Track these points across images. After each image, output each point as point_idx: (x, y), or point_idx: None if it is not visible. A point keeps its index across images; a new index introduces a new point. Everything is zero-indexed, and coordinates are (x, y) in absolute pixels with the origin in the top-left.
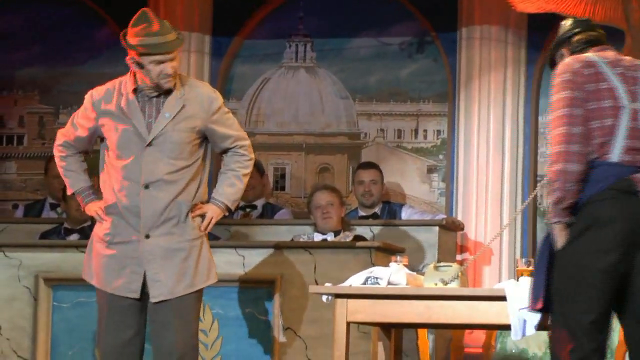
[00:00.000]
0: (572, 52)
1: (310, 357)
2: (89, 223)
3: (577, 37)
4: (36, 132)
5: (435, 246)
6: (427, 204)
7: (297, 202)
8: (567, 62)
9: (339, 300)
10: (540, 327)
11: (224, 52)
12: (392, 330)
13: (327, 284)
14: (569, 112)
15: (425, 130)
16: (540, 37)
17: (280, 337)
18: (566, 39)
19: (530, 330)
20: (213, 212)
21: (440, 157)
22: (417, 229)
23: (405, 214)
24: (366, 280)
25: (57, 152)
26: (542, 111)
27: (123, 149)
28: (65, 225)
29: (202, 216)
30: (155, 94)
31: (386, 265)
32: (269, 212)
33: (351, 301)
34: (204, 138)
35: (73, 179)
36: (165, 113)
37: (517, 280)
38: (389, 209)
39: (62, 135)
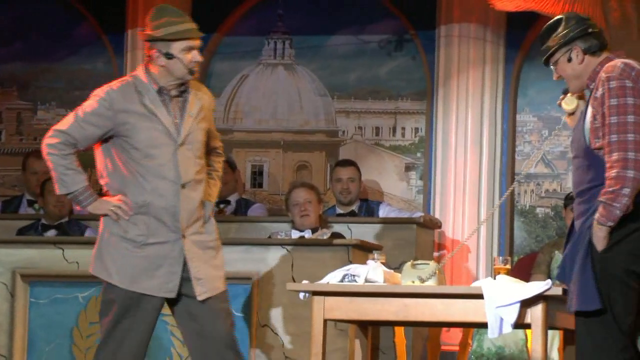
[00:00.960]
0: (587, 51)
1: (287, 354)
2: (66, 219)
3: (593, 37)
4: (14, 128)
5: (413, 244)
6: (404, 201)
7: (275, 200)
8: (620, 67)
9: (316, 298)
10: (517, 325)
11: (203, 48)
12: (369, 328)
13: (304, 282)
14: (635, 120)
15: (403, 128)
16: (519, 36)
17: (257, 334)
18: (581, 36)
19: (507, 328)
20: None
21: (418, 155)
22: (395, 226)
23: (383, 211)
24: (343, 277)
25: (54, 150)
26: (520, 109)
27: (154, 147)
28: (43, 221)
29: None
30: (176, 92)
31: (364, 262)
32: (242, 208)
33: (328, 299)
34: None
35: (71, 178)
36: (190, 112)
37: (495, 278)
38: (366, 206)
39: (62, 133)
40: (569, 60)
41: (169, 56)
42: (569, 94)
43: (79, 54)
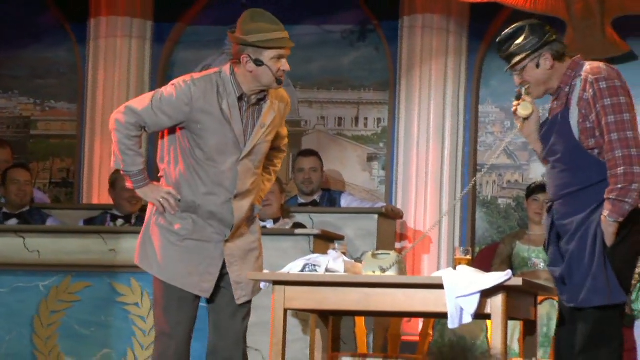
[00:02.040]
0: (556, 57)
1: (248, 344)
2: (28, 208)
3: (558, 42)
4: None
5: (375, 234)
6: (367, 191)
7: None
8: (605, 68)
9: (277, 287)
10: (477, 315)
11: (166, 38)
12: (330, 318)
13: (265, 271)
14: (630, 118)
15: (366, 119)
16: (482, 27)
17: None
18: (550, 42)
19: (468, 318)
20: None
21: (381, 145)
22: (357, 216)
23: (345, 201)
24: (304, 267)
25: (122, 129)
26: (483, 100)
27: (220, 154)
28: (5, 210)
29: None
30: (255, 100)
31: (325, 252)
32: None
33: (289, 288)
34: None
35: (132, 159)
36: (262, 124)
37: (455, 269)
38: (329, 196)
39: (134, 114)
40: (538, 66)
41: (259, 63)
42: (524, 100)
43: (41, 43)
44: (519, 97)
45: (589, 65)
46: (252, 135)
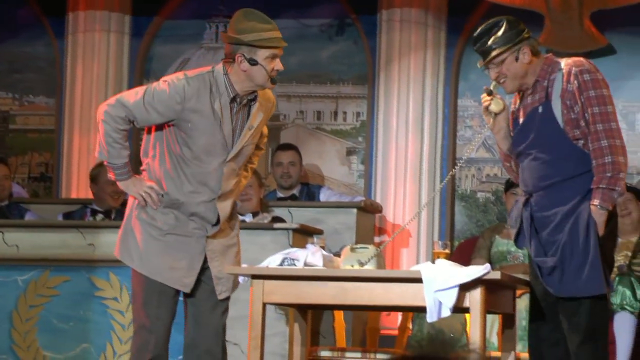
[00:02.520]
0: (533, 52)
1: (227, 337)
2: (6, 202)
3: (534, 40)
4: None
5: (354, 228)
6: (345, 185)
7: None
8: (585, 61)
9: (255, 281)
10: (456, 309)
11: (144, 32)
12: (308, 312)
13: (244, 265)
14: (612, 110)
15: (344, 113)
16: (460, 20)
17: None
18: (528, 38)
19: (446, 312)
20: None
21: (360, 139)
22: (336, 210)
23: (324, 195)
24: (283, 261)
25: (110, 121)
26: (462, 94)
27: (207, 154)
28: None
29: None
30: (246, 100)
31: (304, 247)
32: None
33: (267, 282)
34: None
35: (117, 152)
36: (250, 125)
37: (434, 263)
38: (307, 190)
39: (124, 108)
40: (517, 59)
41: (253, 62)
42: (495, 96)
43: (19, 37)
44: (490, 94)
45: (569, 59)
46: (239, 137)
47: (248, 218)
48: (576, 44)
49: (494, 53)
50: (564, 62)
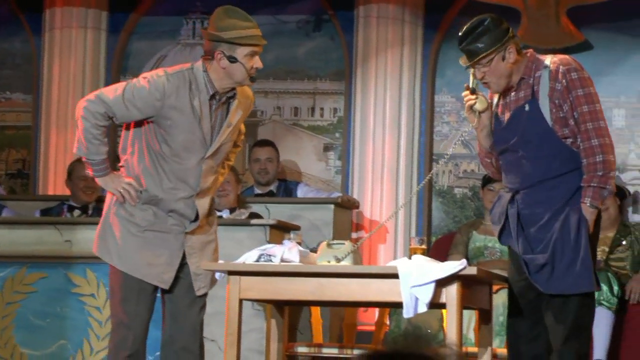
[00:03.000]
0: (518, 51)
1: (204, 334)
2: None
3: (517, 37)
4: None
5: (331, 224)
6: (323, 182)
7: None
8: (571, 59)
9: (231, 278)
10: (432, 305)
11: (121, 28)
12: (285, 308)
13: (220, 261)
14: (600, 108)
15: (322, 109)
16: (437, 17)
17: None
18: (512, 37)
19: (422, 307)
20: None
21: (337, 135)
22: (313, 207)
23: (301, 192)
24: (259, 257)
25: (90, 118)
26: (439, 90)
27: (186, 151)
28: None
29: None
30: (226, 98)
31: (281, 243)
32: None
33: (244, 278)
34: None
35: (96, 148)
36: (228, 123)
37: (410, 258)
38: (284, 187)
39: (104, 104)
40: (503, 59)
41: (233, 60)
42: (479, 95)
43: None
44: (473, 92)
45: (555, 57)
46: (218, 134)
47: (225, 214)
48: (553, 40)
49: (482, 54)
50: (550, 60)
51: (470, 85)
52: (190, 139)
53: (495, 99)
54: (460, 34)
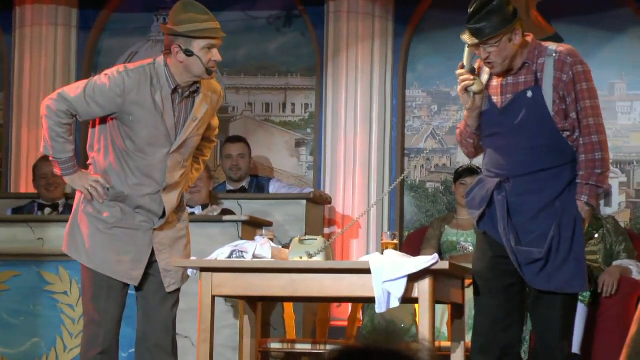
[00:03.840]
0: (523, 32)
1: (177, 330)
2: None
3: (520, 19)
4: None
5: (303, 219)
6: (295, 177)
7: None
8: (576, 51)
9: (204, 274)
10: (404, 299)
11: (91, 25)
12: (257, 304)
13: (193, 257)
14: (599, 104)
15: (293, 104)
16: (408, 10)
17: None
18: (519, 18)
19: (394, 302)
20: None
21: (308, 130)
22: (285, 202)
23: (273, 187)
24: (231, 253)
25: (52, 116)
26: (409, 84)
27: (150, 146)
28: None
29: None
30: (188, 92)
31: (253, 239)
32: None
33: (216, 274)
34: None
35: (61, 146)
36: (193, 117)
37: (382, 253)
38: (256, 182)
39: (65, 102)
40: (510, 40)
41: (189, 53)
42: (477, 76)
43: None
44: (472, 71)
45: (560, 46)
46: (183, 128)
47: (197, 210)
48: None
49: (492, 34)
50: (555, 48)
51: (465, 65)
52: (154, 134)
53: (485, 78)
54: (469, 10)
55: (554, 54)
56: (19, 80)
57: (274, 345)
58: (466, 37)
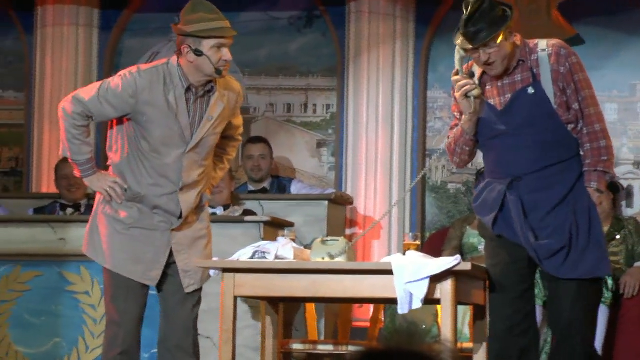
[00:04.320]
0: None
1: (198, 331)
2: None
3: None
4: None
5: (324, 220)
6: (316, 178)
7: None
8: (565, 43)
9: (226, 275)
10: (426, 300)
11: (113, 25)
12: (279, 304)
13: (214, 258)
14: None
15: (314, 105)
16: (429, 11)
17: None
18: (512, 17)
19: (417, 303)
20: None
21: (329, 131)
22: (306, 203)
23: (294, 188)
24: (253, 254)
25: (68, 118)
26: (430, 85)
27: (164, 146)
28: None
29: None
30: (202, 91)
31: (275, 239)
32: None
33: (238, 275)
34: None
35: (78, 148)
36: (208, 116)
37: (404, 254)
38: (278, 183)
39: (80, 104)
40: (507, 39)
41: (199, 53)
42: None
43: None
44: (471, 76)
45: (550, 40)
46: (198, 128)
47: (218, 211)
48: (544, 33)
49: (492, 35)
50: (546, 43)
51: (459, 70)
52: (168, 134)
53: (476, 82)
54: (464, 16)
55: (546, 49)
56: (40, 81)
57: (296, 346)
58: (463, 43)
